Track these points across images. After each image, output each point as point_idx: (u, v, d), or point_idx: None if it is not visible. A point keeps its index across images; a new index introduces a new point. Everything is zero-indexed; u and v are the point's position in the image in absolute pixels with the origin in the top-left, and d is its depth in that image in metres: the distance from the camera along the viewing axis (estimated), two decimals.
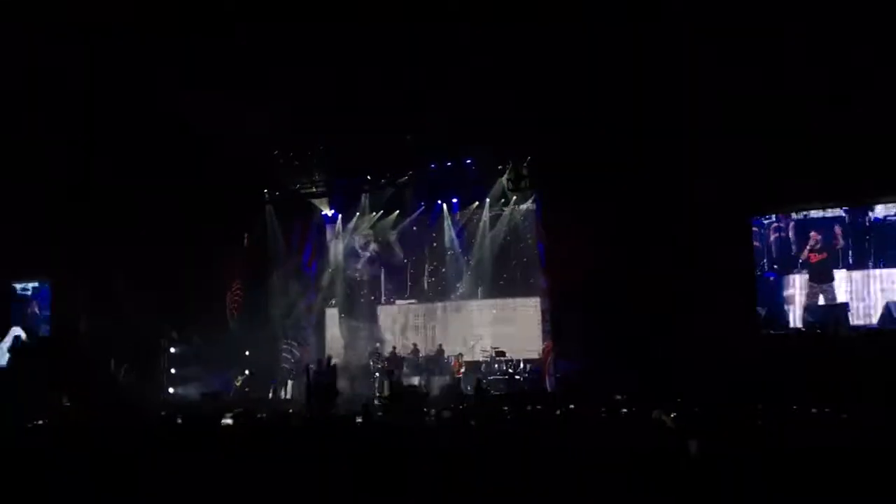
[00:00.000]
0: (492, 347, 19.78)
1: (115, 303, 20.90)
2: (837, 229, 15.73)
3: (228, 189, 20.85)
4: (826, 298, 15.79)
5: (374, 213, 21.55)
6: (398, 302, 22.28)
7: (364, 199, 21.66)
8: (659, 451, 8.16)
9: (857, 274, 15.53)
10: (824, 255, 15.78)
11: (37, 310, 22.04)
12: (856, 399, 11.02)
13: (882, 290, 15.28)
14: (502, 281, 20.99)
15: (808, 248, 15.90)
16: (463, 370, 19.27)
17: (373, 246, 22.31)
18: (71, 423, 12.91)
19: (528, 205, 19.84)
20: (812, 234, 15.92)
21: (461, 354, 19.93)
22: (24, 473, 8.74)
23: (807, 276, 15.98)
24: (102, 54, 17.62)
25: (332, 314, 22.50)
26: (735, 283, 15.90)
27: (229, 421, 10.68)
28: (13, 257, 20.75)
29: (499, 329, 20.74)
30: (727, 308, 15.59)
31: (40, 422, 12.87)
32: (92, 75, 17.98)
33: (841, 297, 15.61)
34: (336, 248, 22.33)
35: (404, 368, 20.38)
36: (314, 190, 21.63)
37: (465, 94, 17.03)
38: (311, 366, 16.39)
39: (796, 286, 16.10)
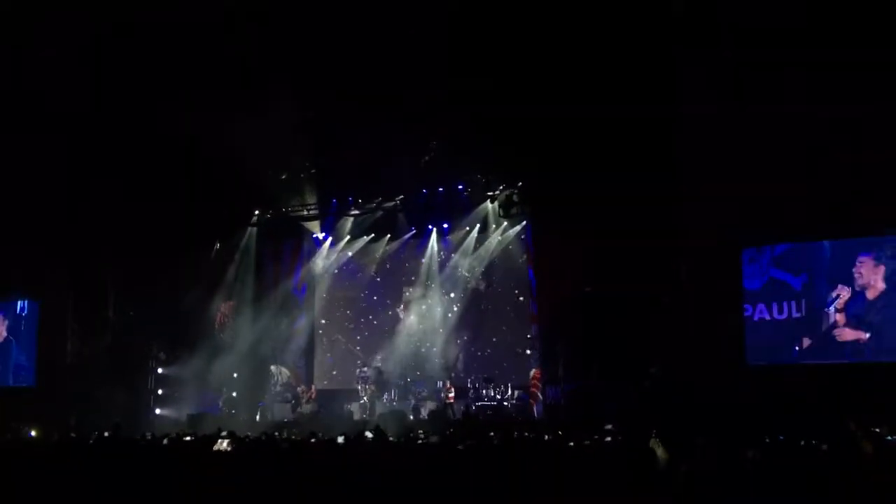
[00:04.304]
0: (481, 375, 19.79)
1: (103, 323, 20.91)
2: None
3: (221, 210, 20.93)
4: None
5: (365, 237, 21.54)
6: (386, 325, 22.20)
7: (349, 223, 21.70)
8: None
9: None
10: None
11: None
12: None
13: None
14: (490, 306, 21.03)
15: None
16: (453, 395, 19.25)
17: (362, 269, 22.33)
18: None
19: (517, 230, 19.87)
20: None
21: (452, 377, 19.95)
22: None
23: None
24: (94, 69, 17.60)
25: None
26: (724, 312, 16.00)
27: (224, 445, 10.61)
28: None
29: (487, 354, 20.76)
30: (716, 337, 15.74)
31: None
32: (87, 92, 17.97)
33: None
34: (324, 271, 22.33)
35: (392, 392, 20.43)
36: (305, 213, 21.66)
37: (458, 120, 17.18)
38: None
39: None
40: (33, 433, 16.00)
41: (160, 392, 21.16)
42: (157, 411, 20.76)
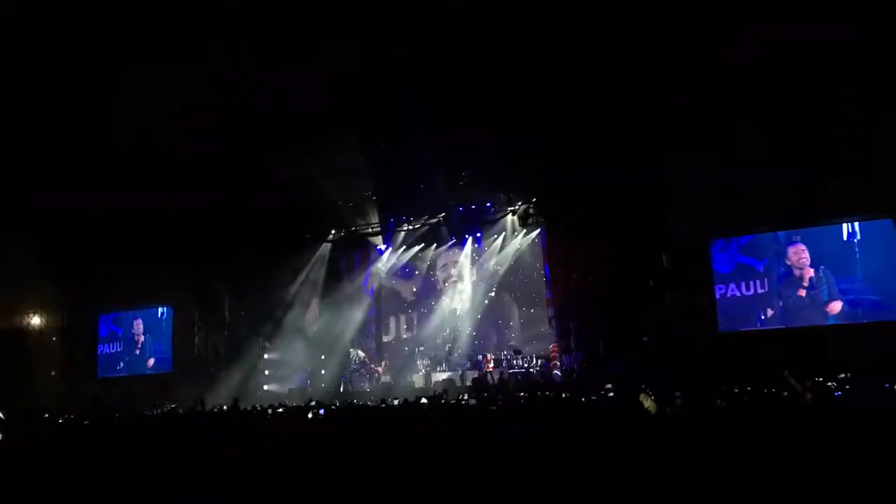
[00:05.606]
0: (510, 346, 20.01)
1: (221, 321, 21.53)
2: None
3: (306, 230, 21.54)
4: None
5: (416, 246, 21.91)
6: (435, 314, 22.28)
7: (401, 236, 22.02)
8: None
9: None
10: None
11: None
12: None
13: None
14: (518, 294, 21.18)
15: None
16: (492, 365, 19.44)
17: (415, 270, 22.65)
18: None
19: (534, 236, 20.05)
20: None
21: (489, 352, 20.15)
22: None
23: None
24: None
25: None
26: (697, 293, 16.00)
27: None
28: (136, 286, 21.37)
29: (516, 334, 20.95)
30: (692, 314, 15.75)
31: None
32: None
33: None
34: (386, 273, 22.73)
35: (443, 364, 20.70)
36: (370, 230, 22.09)
37: (485, 151, 17.43)
38: None
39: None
40: (172, 406, 16.65)
41: (266, 373, 21.74)
42: (265, 387, 21.31)
